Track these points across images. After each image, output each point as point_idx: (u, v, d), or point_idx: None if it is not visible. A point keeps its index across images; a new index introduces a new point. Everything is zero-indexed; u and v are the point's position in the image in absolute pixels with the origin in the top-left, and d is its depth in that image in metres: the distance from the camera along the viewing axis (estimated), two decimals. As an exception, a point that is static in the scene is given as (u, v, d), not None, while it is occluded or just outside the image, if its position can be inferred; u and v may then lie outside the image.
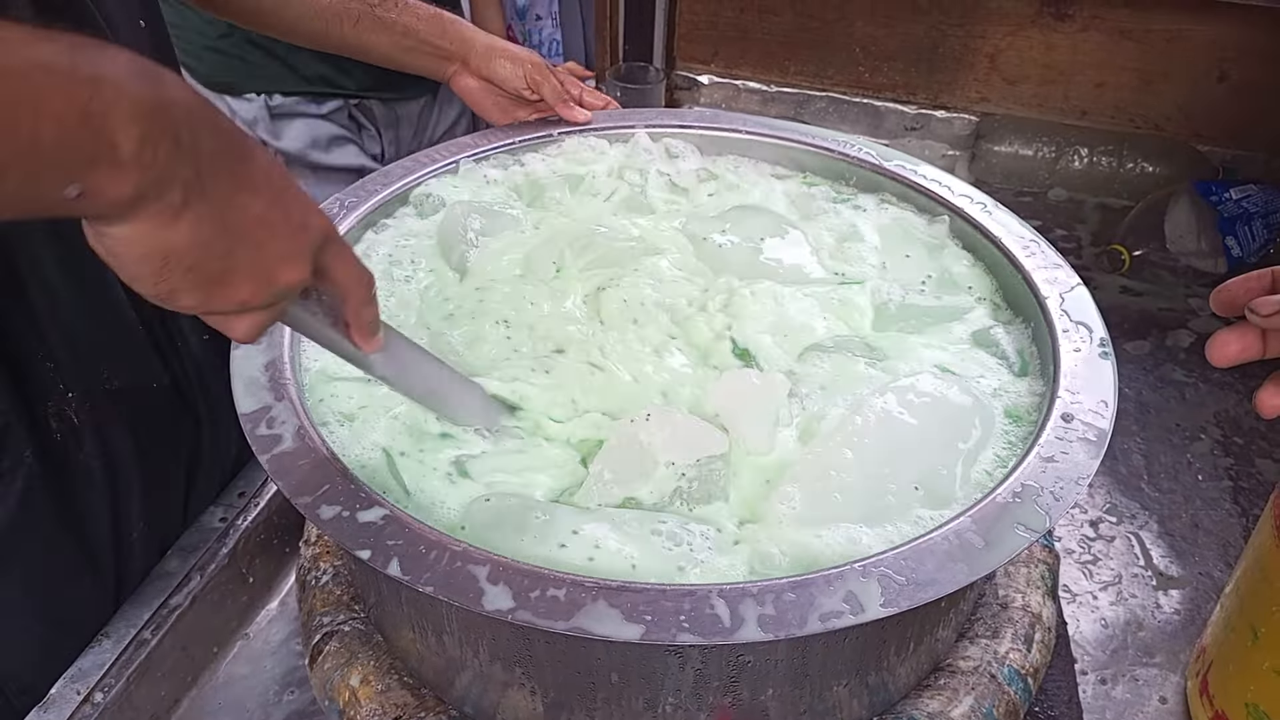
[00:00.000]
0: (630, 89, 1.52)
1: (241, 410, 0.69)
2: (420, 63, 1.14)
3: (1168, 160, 1.54)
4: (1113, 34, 1.52)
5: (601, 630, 0.55)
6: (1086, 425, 0.69)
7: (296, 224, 0.51)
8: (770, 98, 1.74)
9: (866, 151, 1.02)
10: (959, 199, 0.95)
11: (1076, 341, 0.76)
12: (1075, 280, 0.83)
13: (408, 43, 1.12)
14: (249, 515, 0.91)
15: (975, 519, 0.62)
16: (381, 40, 1.11)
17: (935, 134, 1.67)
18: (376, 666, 0.74)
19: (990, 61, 1.60)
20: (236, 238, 0.48)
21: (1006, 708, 0.73)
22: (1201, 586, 0.96)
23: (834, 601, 0.57)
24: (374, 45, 1.12)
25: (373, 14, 1.10)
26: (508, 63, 1.10)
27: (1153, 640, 0.91)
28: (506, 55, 1.11)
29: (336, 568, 0.81)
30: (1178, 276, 1.37)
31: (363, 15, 1.09)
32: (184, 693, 0.85)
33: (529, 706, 0.68)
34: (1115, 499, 1.06)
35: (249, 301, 0.51)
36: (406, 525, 0.61)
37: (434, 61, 1.13)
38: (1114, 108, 1.58)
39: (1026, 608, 0.78)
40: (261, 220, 0.49)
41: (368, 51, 1.13)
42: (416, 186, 0.98)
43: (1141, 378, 1.22)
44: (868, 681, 0.69)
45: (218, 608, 0.88)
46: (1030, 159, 1.59)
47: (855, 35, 1.65)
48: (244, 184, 0.48)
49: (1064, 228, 1.50)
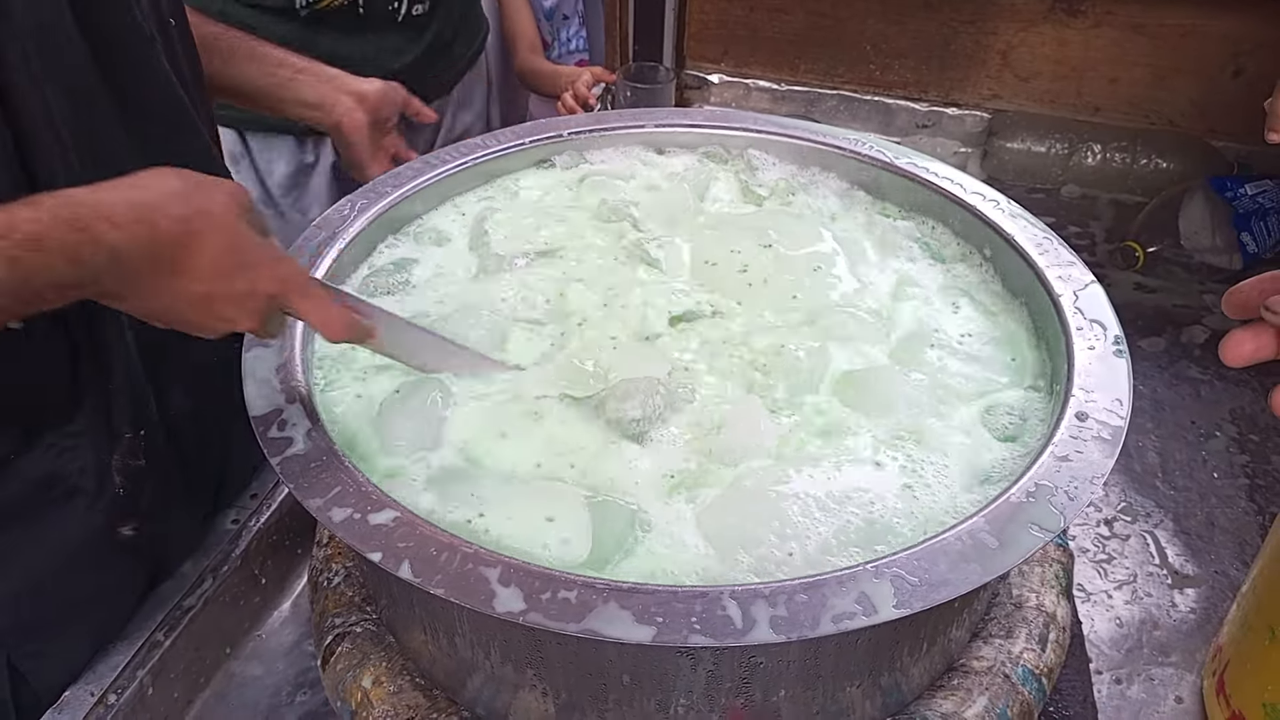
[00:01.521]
0: (640, 89, 1.52)
1: (253, 413, 0.69)
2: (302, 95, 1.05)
3: (1182, 156, 1.52)
4: (1125, 29, 1.51)
5: (613, 632, 0.55)
6: (1101, 424, 0.68)
7: (242, 293, 0.62)
8: (781, 96, 1.73)
9: (878, 150, 1.02)
10: (971, 196, 0.94)
11: (1091, 339, 0.76)
12: (1089, 277, 0.82)
13: (285, 73, 1.04)
14: (261, 517, 0.92)
15: (989, 519, 0.62)
16: (254, 72, 1.03)
17: (947, 131, 1.67)
18: (389, 668, 0.74)
19: (1002, 58, 1.59)
20: (183, 307, 0.61)
21: (1021, 708, 0.72)
22: (1217, 585, 0.96)
23: (846, 602, 0.56)
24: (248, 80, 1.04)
25: (248, 46, 1.03)
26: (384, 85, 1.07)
27: (1168, 639, 0.91)
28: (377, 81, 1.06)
29: (348, 569, 0.82)
30: (1192, 273, 1.36)
31: (236, 48, 1.02)
32: (197, 694, 0.85)
33: (541, 708, 0.68)
34: (1130, 497, 1.05)
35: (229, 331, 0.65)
36: (418, 527, 0.61)
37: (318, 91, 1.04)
38: (1127, 103, 1.57)
39: (1041, 607, 0.77)
40: (205, 295, 0.61)
41: (240, 89, 1.05)
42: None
43: (1156, 375, 1.21)
44: (880, 682, 0.69)
45: (230, 609, 0.88)
46: (1043, 155, 1.58)
47: (866, 33, 1.64)
48: (181, 274, 0.60)
49: (1077, 224, 1.49)
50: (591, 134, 1.06)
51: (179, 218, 0.58)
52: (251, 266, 0.62)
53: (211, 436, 0.90)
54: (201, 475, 0.90)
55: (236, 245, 0.61)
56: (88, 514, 0.77)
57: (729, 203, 1.02)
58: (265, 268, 0.63)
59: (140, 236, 0.57)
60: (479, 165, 1.00)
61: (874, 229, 0.97)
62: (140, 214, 0.57)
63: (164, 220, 0.58)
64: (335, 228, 0.88)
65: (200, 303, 0.61)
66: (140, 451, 0.79)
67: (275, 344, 0.75)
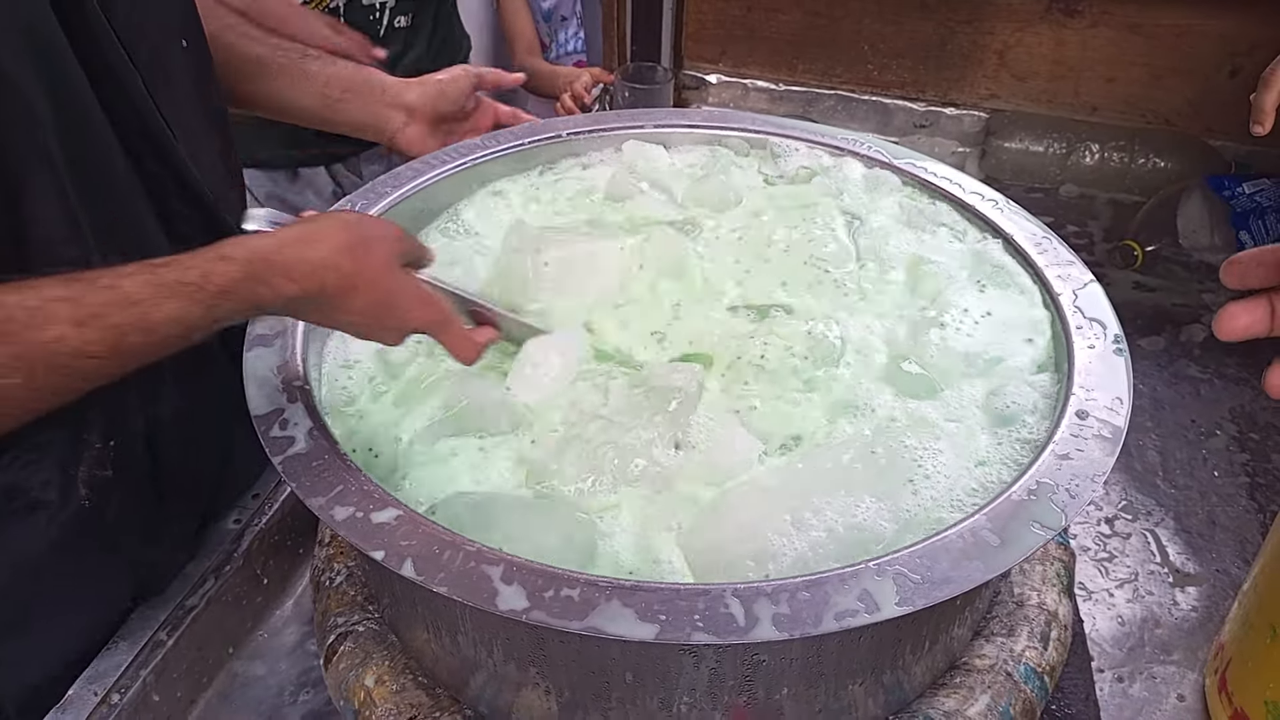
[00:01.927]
0: (638, 89, 1.52)
1: (254, 412, 0.70)
2: (352, 117, 1.05)
3: (1179, 155, 1.53)
4: (1122, 29, 1.51)
5: (616, 630, 0.55)
6: (1102, 422, 0.68)
7: (390, 329, 0.74)
8: (778, 96, 1.73)
9: (876, 150, 1.02)
10: (970, 196, 0.94)
11: (1090, 338, 0.76)
12: (1088, 277, 0.83)
13: (333, 92, 1.03)
14: (263, 517, 0.92)
15: (991, 517, 0.62)
16: (303, 93, 1.03)
17: (945, 131, 1.67)
18: (391, 666, 0.74)
19: (999, 58, 1.60)
20: (354, 327, 0.73)
21: (1023, 706, 0.72)
22: (1219, 583, 0.96)
23: (849, 600, 0.57)
24: (297, 101, 1.04)
25: (297, 66, 1.03)
26: (449, 82, 1.05)
27: (1170, 638, 0.91)
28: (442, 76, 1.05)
29: (350, 568, 0.82)
30: (1191, 272, 1.36)
31: (286, 68, 1.02)
32: (200, 693, 0.85)
33: (543, 706, 0.68)
34: (1131, 496, 1.05)
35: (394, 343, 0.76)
36: (420, 526, 0.61)
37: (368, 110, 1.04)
38: (1125, 103, 1.57)
39: (1043, 605, 0.78)
40: (359, 326, 0.73)
41: (290, 110, 1.05)
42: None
43: (1156, 374, 1.21)
44: (883, 680, 0.69)
45: (233, 609, 0.88)
46: (1041, 155, 1.58)
47: (863, 33, 1.64)
48: (341, 309, 0.70)
49: (1076, 224, 1.49)
50: (591, 135, 1.07)
51: (346, 274, 0.68)
52: (401, 311, 0.72)
53: (204, 440, 0.88)
54: (188, 482, 0.88)
55: (389, 299, 0.71)
56: (49, 527, 0.76)
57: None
58: (414, 311, 0.73)
59: (311, 291, 0.67)
60: (478, 166, 1.01)
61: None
62: (313, 270, 0.67)
63: (332, 276, 0.67)
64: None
65: (353, 329, 0.74)
66: (109, 462, 0.78)
67: (276, 344, 0.75)
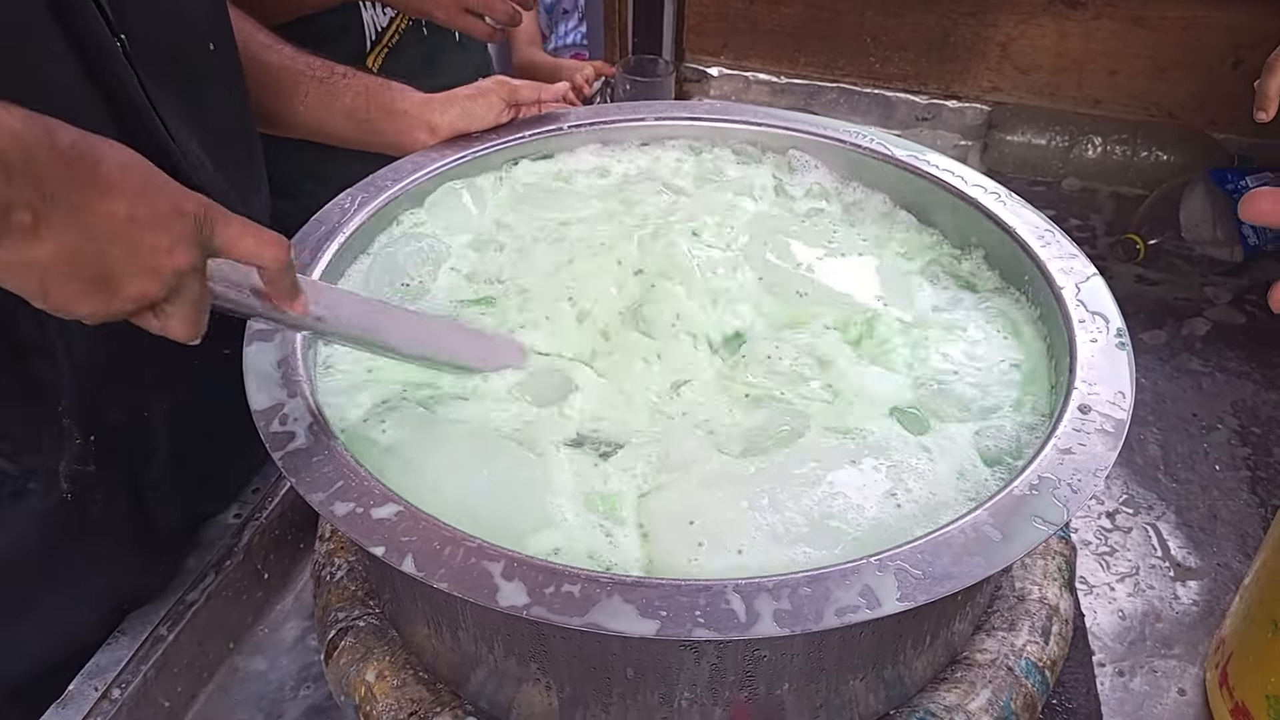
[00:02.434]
0: (640, 82, 1.51)
1: (254, 407, 0.69)
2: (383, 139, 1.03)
3: (1182, 148, 1.52)
4: (1125, 21, 1.50)
5: (616, 626, 0.55)
6: (1104, 416, 0.68)
7: (166, 213, 0.53)
8: (780, 89, 1.73)
9: (877, 142, 1.01)
10: (972, 189, 0.94)
11: (1093, 332, 0.76)
12: (1091, 270, 0.82)
13: (361, 114, 1.02)
14: (264, 511, 0.92)
15: (992, 512, 0.62)
16: (334, 114, 1.01)
17: (947, 124, 1.66)
18: (392, 662, 0.74)
19: (1002, 50, 1.59)
20: (105, 240, 0.51)
21: (1024, 700, 0.72)
22: (1220, 577, 0.96)
23: (850, 596, 0.56)
24: (328, 123, 1.02)
25: (322, 86, 1.01)
26: (478, 99, 1.02)
27: (1171, 632, 0.91)
28: (470, 93, 1.02)
29: (351, 563, 0.82)
30: (1193, 265, 1.36)
31: (321, 85, 1.01)
32: (200, 688, 0.85)
33: (544, 702, 0.68)
34: (1132, 490, 1.05)
35: (147, 295, 0.53)
36: (421, 521, 0.61)
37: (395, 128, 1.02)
38: (1128, 96, 1.57)
39: (1044, 600, 0.77)
40: (128, 218, 0.51)
41: (322, 131, 1.03)
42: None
43: (1157, 367, 1.21)
44: (884, 675, 0.69)
45: (233, 604, 0.88)
46: (1043, 148, 1.58)
47: (865, 25, 1.64)
48: (98, 189, 0.50)
49: (1078, 217, 1.49)
50: (593, 127, 1.07)
51: (77, 134, 0.51)
52: (168, 185, 0.54)
53: (198, 440, 0.87)
54: (184, 482, 0.87)
55: (146, 166, 0.54)
56: (32, 518, 0.75)
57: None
58: (182, 190, 0.55)
59: (37, 131, 0.48)
60: (481, 158, 1.01)
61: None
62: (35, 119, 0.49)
63: (61, 130, 0.50)
64: (335, 221, 0.88)
65: (123, 230, 0.52)
66: (90, 458, 0.76)
67: (276, 338, 0.75)
